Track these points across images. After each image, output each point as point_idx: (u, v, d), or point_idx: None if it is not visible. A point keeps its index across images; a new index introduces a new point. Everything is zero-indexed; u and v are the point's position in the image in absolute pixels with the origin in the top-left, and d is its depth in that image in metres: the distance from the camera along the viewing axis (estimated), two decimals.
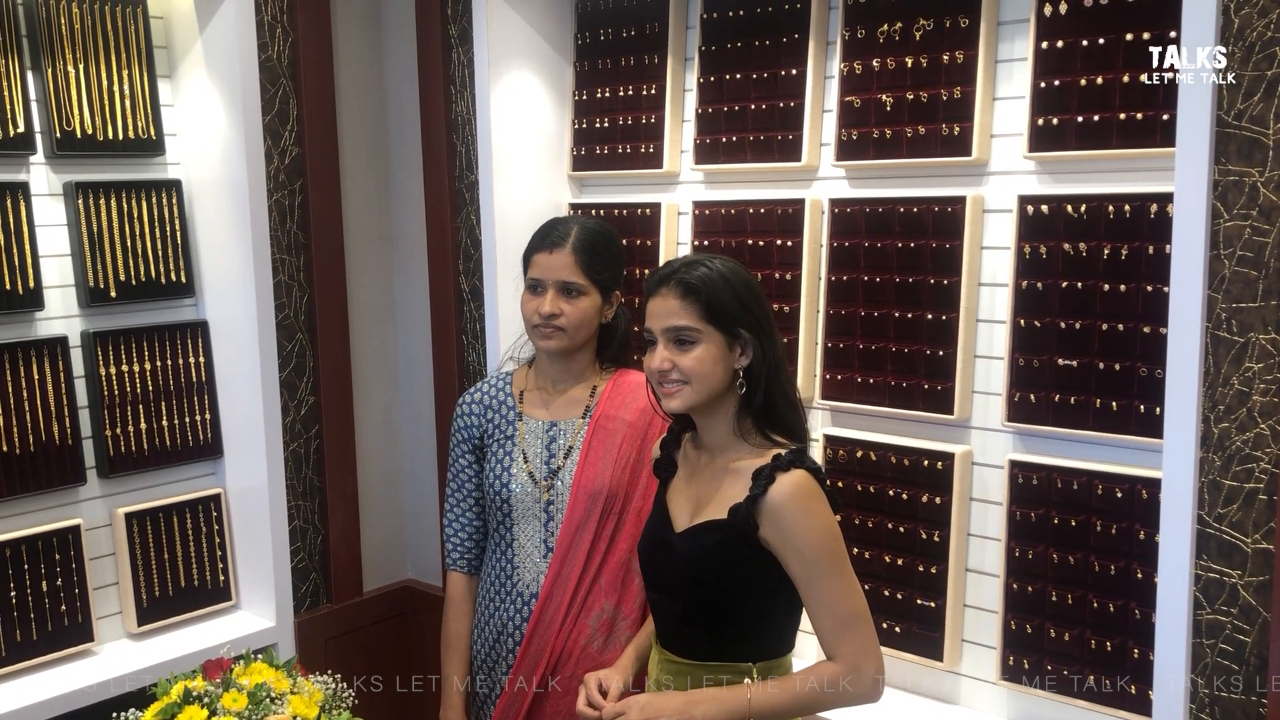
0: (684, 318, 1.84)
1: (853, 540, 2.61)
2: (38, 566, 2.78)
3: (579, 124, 3.14)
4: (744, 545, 1.83)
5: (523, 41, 3.07)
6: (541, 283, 2.27)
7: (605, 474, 2.28)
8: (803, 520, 1.79)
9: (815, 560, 1.79)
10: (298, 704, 1.63)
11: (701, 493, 1.93)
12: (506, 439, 2.36)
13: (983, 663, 2.48)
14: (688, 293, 1.84)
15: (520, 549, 2.32)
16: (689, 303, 1.84)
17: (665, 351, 1.86)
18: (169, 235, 3.03)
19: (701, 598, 1.88)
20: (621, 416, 2.31)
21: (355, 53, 3.34)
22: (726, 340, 1.85)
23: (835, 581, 1.80)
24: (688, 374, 1.84)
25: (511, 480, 2.32)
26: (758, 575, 1.84)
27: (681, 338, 1.85)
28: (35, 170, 2.82)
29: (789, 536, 1.80)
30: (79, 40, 2.85)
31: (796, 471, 1.81)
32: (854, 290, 2.60)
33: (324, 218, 3.22)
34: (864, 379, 2.58)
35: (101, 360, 2.91)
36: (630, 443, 2.30)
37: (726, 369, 1.86)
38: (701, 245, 2.86)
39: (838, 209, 2.61)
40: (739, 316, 1.85)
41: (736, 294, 1.85)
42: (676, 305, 1.85)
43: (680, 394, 1.86)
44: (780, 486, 1.80)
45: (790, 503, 1.79)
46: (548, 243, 2.28)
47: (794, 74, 2.68)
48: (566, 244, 2.25)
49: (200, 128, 3.05)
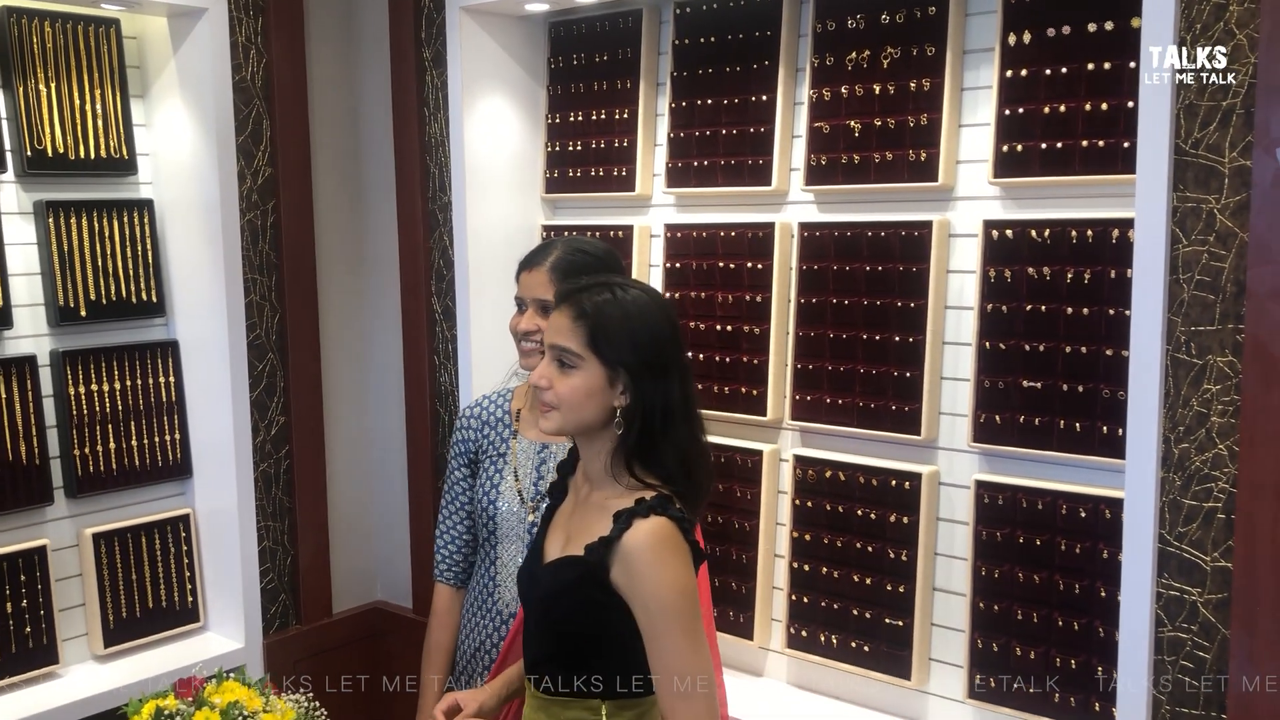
0: (570, 340, 1.77)
1: (821, 559, 2.64)
2: (2, 588, 2.76)
3: (552, 147, 3.17)
4: (596, 587, 1.75)
5: (496, 65, 3.10)
6: (522, 301, 2.29)
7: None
8: (652, 571, 1.70)
9: (660, 615, 1.70)
10: None
11: (574, 525, 1.86)
12: (499, 456, 2.36)
13: (950, 681, 2.51)
14: (580, 316, 1.77)
15: (503, 567, 2.32)
16: (579, 326, 1.77)
17: (547, 368, 1.80)
18: (140, 254, 3.03)
19: (555, 633, 1.83)
20: None
21: (329, 74, 3.35)
22: (608, 374, 1.77)
23: (678, 641, 1.70)
24: (559, 399, 1.78)
25: (499, 498, 2.32)
26: (609, 618, 1.76)
27: (564, 360, 1.78)
28: (5, 188, 2.82)
29: (637, 586, 1.71)
30: (51, 59, 2.86)
31: (657, 519, 1.72)
32: (823, 313, 2.63)
33: (296, 238, 3.22)
34: (833, 400, 2.61)
35: (71, 379, 2.90)
36: None
37: (602, 404, 1.77)
38: (673, 267, 2.89)
39: (807, 233, 2.65)
40: (623, 356, 1.75)
41: (631, 332, 1.76)
42: (568, 325, 1.78)
43: (550, 416, 1.80)
44: (636, 532, 1.71)
45: (643, 551, 1.70)
46: (527, 261, 2.29)
47: (764, 100, 2.72)
48: (545, 263, 2.24)
49: (173, 148, 3.05)
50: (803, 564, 2.68)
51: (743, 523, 2.79)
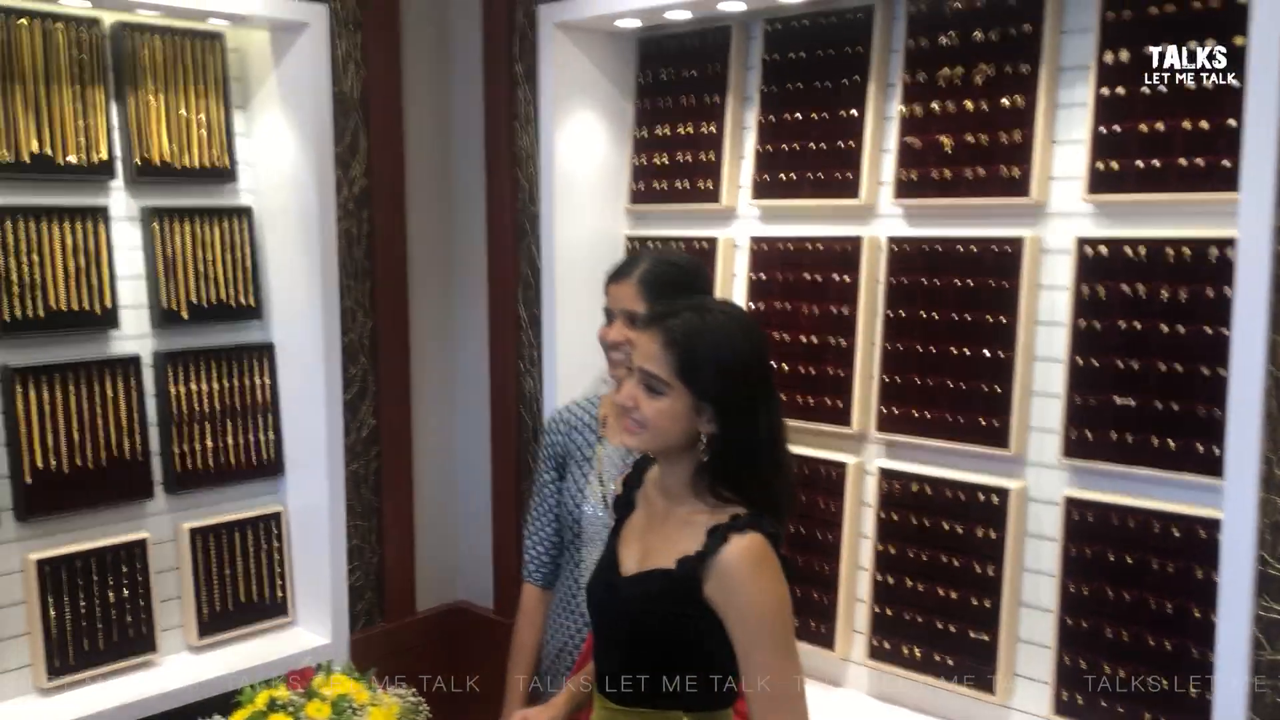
0: (658, 366, 1.77)
1: (905, 572, 2.65)
2: (105, 578, 2.86)
3: (639, 160, 3.21)
4: (686, 601, 1.75)
5: (586, 80, 3.16)
6: (610, 312, 2.34)
7: None
8: (751, 587, 1.71)
9: (758, 629, 1.72)
10: (378, 716, 1.68)
11: (653, 539, 1.86)
12: (585, 460, 2.42)
13: (1036, 697, 2.50)
14: (669, 344, 1.77)
15: (586, 570, 2.36)
16: (668, 354, 1.77)
17: (635, 390, 1.81)
18: (239, 260, 3.12)
19: (638, 646, 1.83)
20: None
21: (424, 88, 3.43)
22: (694, 403, 1.77)
23: (774, 655, 1.72)
24: (645, 421, 1.79)
25: (584, 502, 2.37)
26: (696, 632, 1.77)
27: (651, 384, 1.78)
28: (115, 195, 2.92)
29: (734, 601, 1.72)
30: (160, 72, 2.96)
31: (753, 535, 1.73)
32: (911, 327, 2.64)
33: (389, 246, 3.30)
34: (920, 413, 2.62)
35: (171, 379, 3.00)
36: None
37: (687, 429, 1.79)
38: (758, 279, 2.91)
39: (896, 246, 2.67)
40: (710, 387, 1.76)
41: (719, 362, 1.77)
42: (656, 351, 1.78)
43: (636, 435, 1.82)
44: (733, 548, 1.72)
45: (741, 567, 1.71)
46: (616, 273, 2.34)
47: (853, 115, 2.74)
48: (634, 275, 2.30)
49: (272, 157, 3.15)
50: (886, 576, 2.69)
51: (825, 534, 2.80)
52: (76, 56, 2.80)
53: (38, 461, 2.75)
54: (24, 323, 2.72)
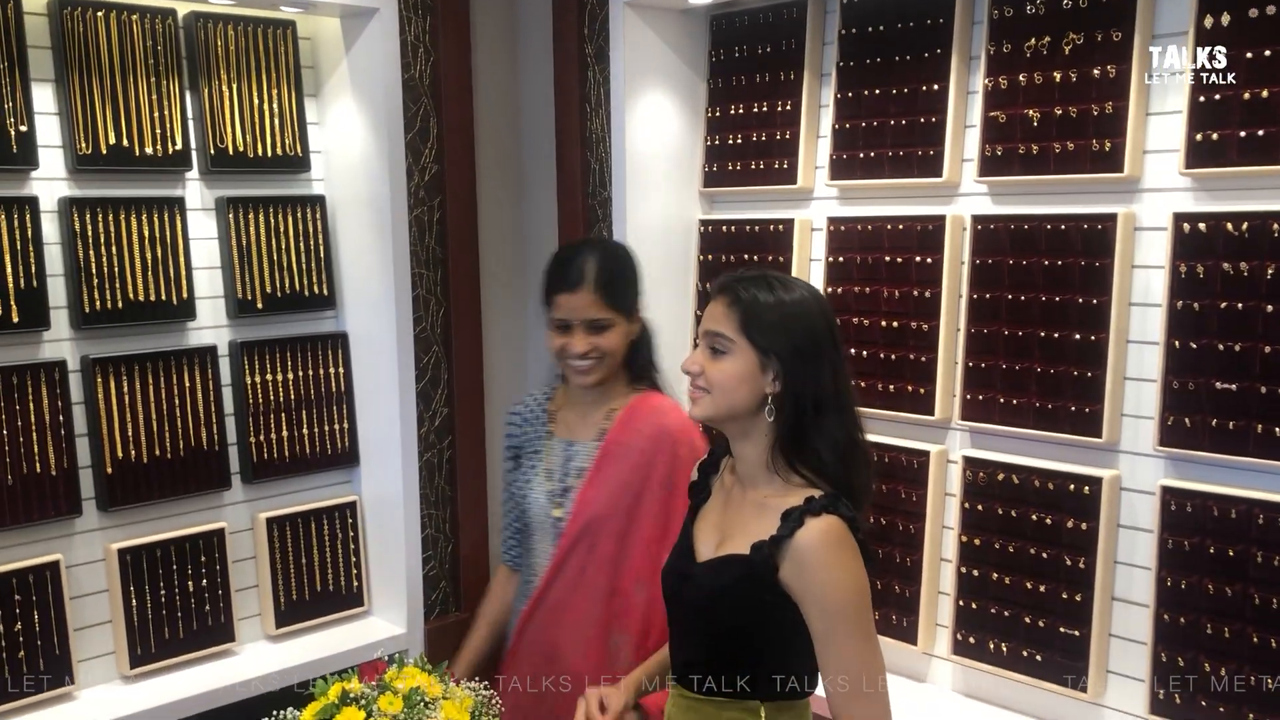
0: (723, 325, 1.77)
1: (991, 565, 2.56)
2: (185, 567, 2.89)
3: (711, 140, 3.15)
4: (762, 586, 1.72)
5: (658, 59, 3.10)
6: (567, 322, 2.26)
7: (602, 499, 2.28)
8: (828, 571, 1.68)
9: (836, 615, 1.68)
10: (450, 709, 1.65)
11: (729, 524, 1.83)
12: (534, 454, 2.41)
13: (1130, 695, 2.40)
14: (734, 303, 1.77)
15: (535, 559, 2.40)
16: (732, 312, 1.76)
17: (699, 355, 1.80)
18: (312, 249, 3.12)
19: (713, 633, 1.80)
20: (631, 443, 2.29)
21: (494, 72, 3.40)
22: (760, 360, 1.75)
23: (854, 642, 1.69)
24: (710, 383, 1.77)
25: (530, 493, 2.38)
26: (773, 618, 1.73)
27: (716, 345, 1.77)
28: (190, 186, 2.94)
29: (810, 585, 1.68)
30: (232, 61, 2.97)
31: (829, 517, 1.69)
32: (997, 309, 2.54)
33: (461, 233, 3.28)
34: (1006, 400, 2.52)
35: (247, 369, 3.01)
36: (636, 470, 2.27)
37: (753, 390, 1.75)
38: (835, 262, 2.84)
39: (980, 226, 2.57)
40: (775, 342, 1.74)
41: (784, 318, 1.74)
42: (722, 312, 1.78)
43: (701, 401, 1.79)
44: (809, 531, 1.68)
45: (817, 550, 1.68)
46: (568, 283, 2.25)
47: (935, 89, 2.65)
48: (587, 282, 2.23)
49: (344, 145, 3.14)
50: (971, 569, 2.60)
51: (907, 525, 2.72)
52: (151, 48, 2.81)
53: (118, 452, 2.78)
54: (103, 314, 2.75)
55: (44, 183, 2.69)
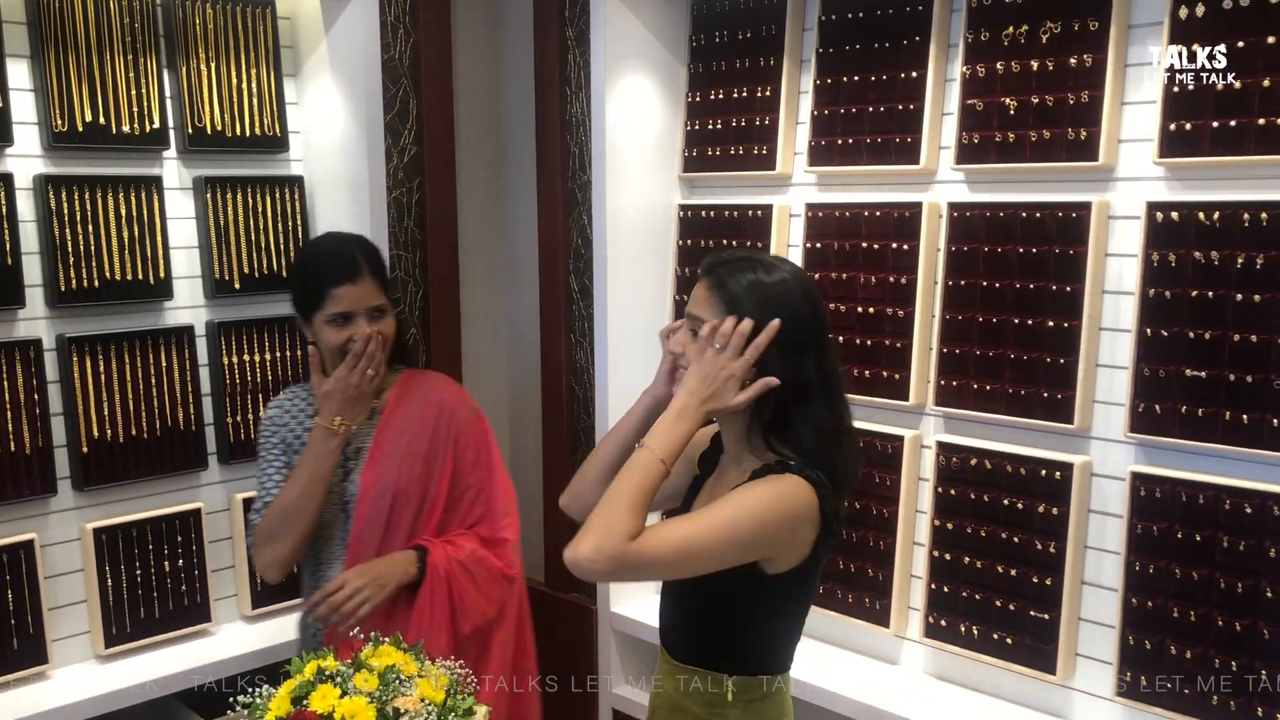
0: (704, 309, 1.79)
1: (963, 549, 2.58)
2: (161, 547, 2.88)
3: (691, 125, 3.15)
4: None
5: (638, 43, 3.10)
6: (352, 314, 2.29)
7: (392, 472, 2.34)
8: (747, 489, 1.69)
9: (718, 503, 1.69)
10: (425, 687, 1.66)
11: (715, 495, 1.85)
12: (304, 446, 2.36)
13: (1098, 678, 2.43)
14: (716, 286, 1.78)
15: (324, 549, 2.40)
16: (714, 296, 1.78)
17: (683, 336, 1.83)
18: (290, 230, 3.12)
19: (688, 599, 1.85)
20: (411, 414, 2.39)
21: (474, 54, 3.40)
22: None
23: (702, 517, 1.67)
24: (690, 363, 1.78)
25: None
26: (741, 589, 1.76)
27: (696, 329, 1.79)
28: (168, 165, 2.92)
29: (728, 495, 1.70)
30: (211, 40, 2.95)
31: (794, 476, 1.70)
32: (972, 296, 2.56)
33: (440, 215, 3.28)
34: (980, 386, 2.54)
35: (224, 349, 3.00)
36: (420, 438, 2.37)
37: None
38: (813, 248, 2.85)
39: (957, 213, 2.59)
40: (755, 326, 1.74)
41: (766, 302, 1.74)
42: (704, 295, 1.79)
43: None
44: (765, 478, 1.71)
45: (757, 483, 1.70)
46: (349, 274, 2.29)
47: (914, 76, 2.66)
48: (365, 271, 2.31)
49: (323, 126, 3.13)
50: (944, 553, 2.62)
51: (881, 509, 2.74)
52: (129, 25, 2.79)
53: (94, 431, 2.77)
54: (79, 292, 2.74)
55: (19, 159, 2.68)
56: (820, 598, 2.85)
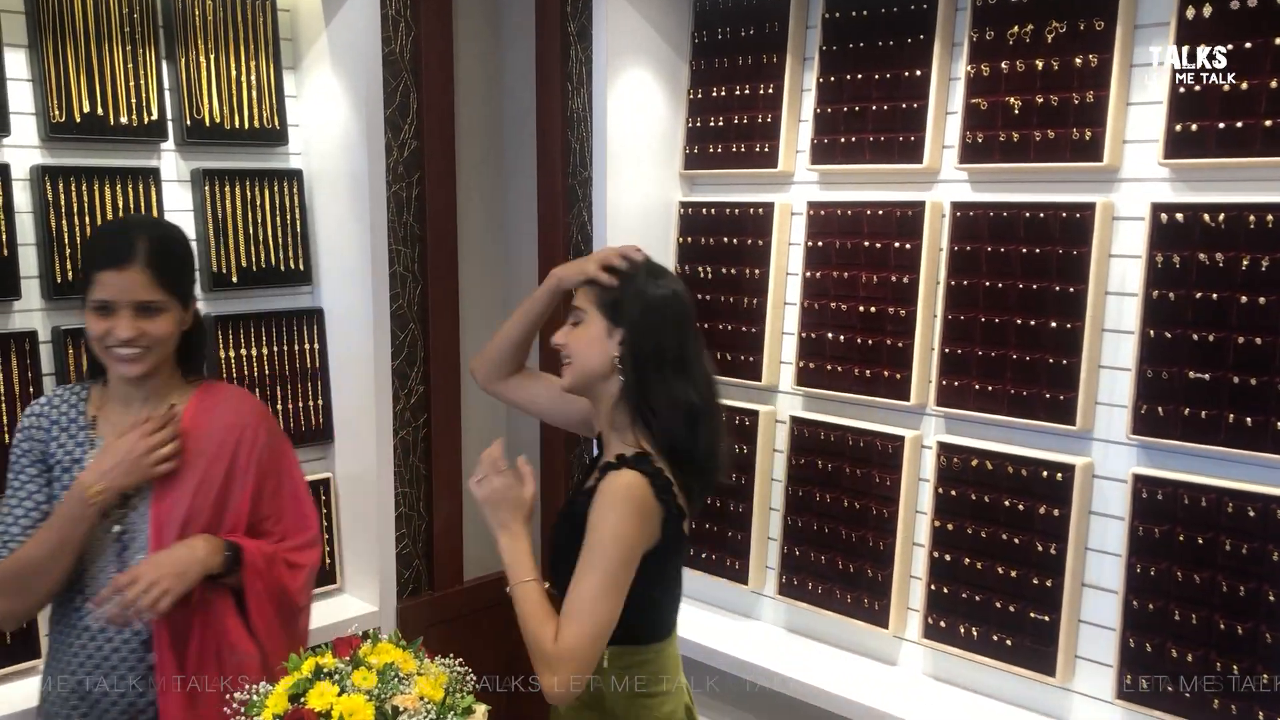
0: (582, 299, 1.99)
1: (963, 550, 2.57)
2: None
3: (693, 122, 3.14)
4: (581, 530, 1.91)
5: (640, 39, 3.08)
6: (112, 304, 2.02)
7: (185, 502, 2.09)
8: (600, 512, 1.87)
9: (589, 549, 1.86)
10: (424, 685, 1.65)
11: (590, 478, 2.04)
12: (75, 464, 2.09)
13: (1098, 680, 2.42)
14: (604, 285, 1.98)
15: (90, 584, 2.08)
16: (593, 288, 1.99)
17: (565, 328, 2.01)
18: (289, 224, 3.10)
19: (556, 566, 2.00)
20: (207, 434, 2.13)
21: (475, 48, 3.38)
22: (607, 326, 1.97)
23: (590, 576, 1.84)
24: (570, 353, 1.98)
25: None
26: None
27: (576, 318, 2.00)
28: (166, 157, 2.90)
29: (591, 521, 1.88)
30: (211, 31, 2.93)
31: (630, 472, 1.89)
32: (974, 296, 2.55)
33: (439, 210, 3.26)
34: (982, 386, 2.53)
35: (222, 343, 2.98)
36: (218, 463, 2.13)
37: (602, 352, 1.96)
38: (814, 246, 2.84)
39: (960, 212, 2.57)
40: (621, 308, 1.95)
41: (639, 294, 1.96)
42: (585, 289, 2.01)
43: (565, 371, 2.00)
44: (607, 481, 1.89)
45: (603, 496, 1.87)
46: (115, 259, 2.02)
47: (918, 75, 2.65)
48: (137, 259, 2.02)
49: (322, 119, 3.11)
50: (944, 553, 2.61)
51: (881, 509, 2.73)
52: (128, 15, 2.77)
53: None
54: (75, 284, 2.71)
55: (16, 150, 2.65)
56: (818, 597, 2.85)
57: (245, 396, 2.28)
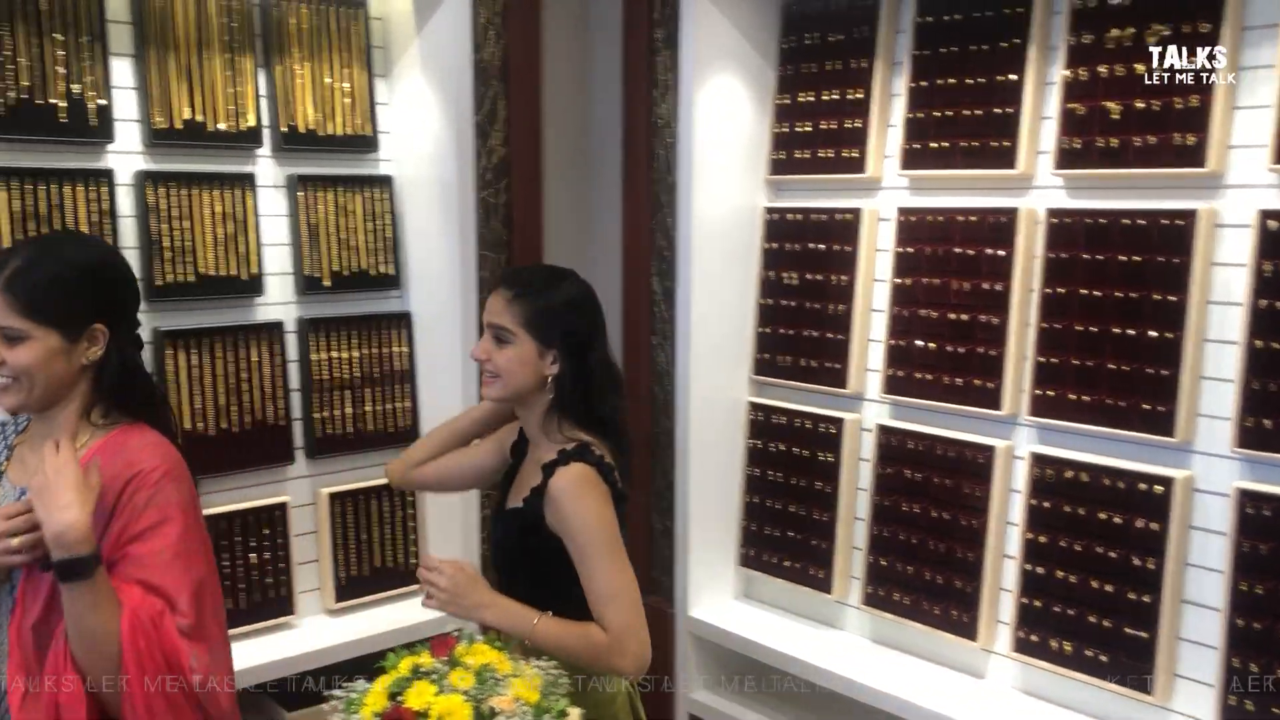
0: (505, 319, 2.02)
1: (1057, 563, 2.52)
2: (247, 540, 2.92)
3: (779, 128, 3.13)
4: (536, 532, 1.99)
5: (728, 45, 3.07)
6: None
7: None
8: (573, 506, 1.95)
9: (584, 543, 1.95)
10: (520, 687, 1.65)
11: (521, 480, 2.10)
12: None
13: (1199, 700, 2.35)
14: (516, 297, 2.03)
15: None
16: (514, 306, 2.02)
17: (486, 344, 2.05)
18: (379, 229, 3.14)
19: (513, 573, 2.09)
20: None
21: (562, 54, 3.40)
22: (539, 348, 2.02)
23: (600, 562, 1.94)
24: (498, 369, 2.03)
25: None
26: (551, 557, 1.99)
27: (500, 336, 2.03)
28: (261, 162, 2.96)
29: (563, 521, 1.96)
30: (306, 40, 2.99)
31: (576, 465, 1.97)
32: (1070, 304, 2.50)
33: (526, 216, 3.29)
34: (1078, 396, 2.48)
35: (313, 346, 3.03)
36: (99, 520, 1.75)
37: (534, 372, 2.03)
38: (905, 253, 2.81)
39: (1056, 219, 2.53)
40: (552, 333, 2.01)
41: (562, 310, 2.03)
42: (503, 305, 2.03)
43: (492, 385, 2.06)
44: (558, 478, 1.96)
45: (564, 492, 1.95)
46: None
47: (1011, 80, 2.61)
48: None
49: (413, 126, 3.15)
50: (1036, 566, 2.56)
51: (970, 519, 2.69)
52: (227, 24, 2.84)
53: (186, 423, 2.81)
54: (175, 287, 2.79)
55: (120, 156, 2.73)
56: (905, 608, 2.82)
57: (145, 449, 1.83)
